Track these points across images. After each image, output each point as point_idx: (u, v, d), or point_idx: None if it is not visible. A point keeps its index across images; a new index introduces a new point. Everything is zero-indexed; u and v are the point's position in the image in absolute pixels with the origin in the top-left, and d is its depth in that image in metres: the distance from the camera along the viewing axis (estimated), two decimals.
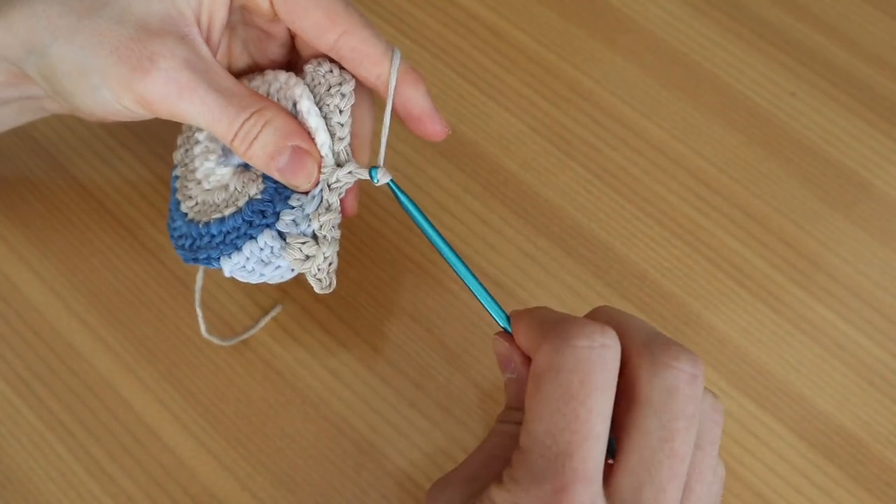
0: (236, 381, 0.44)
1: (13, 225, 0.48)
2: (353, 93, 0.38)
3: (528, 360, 0.33)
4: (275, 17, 0.39)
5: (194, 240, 0.40)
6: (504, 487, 0.29)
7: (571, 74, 0.54)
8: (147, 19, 0.36)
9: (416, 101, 0.37)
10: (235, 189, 0.39)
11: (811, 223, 0.49)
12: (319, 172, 0.37)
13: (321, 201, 0.38)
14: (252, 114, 0.36)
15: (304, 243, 0.37)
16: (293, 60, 0.42)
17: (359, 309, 0.46)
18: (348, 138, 0.38)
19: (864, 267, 0.48)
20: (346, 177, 0.37)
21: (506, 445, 0.32)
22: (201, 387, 0.44)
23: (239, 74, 0.41)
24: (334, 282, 0.38)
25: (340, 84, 0.38)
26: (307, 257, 0.37)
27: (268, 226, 0.38)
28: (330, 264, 0.38)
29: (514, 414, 0.33)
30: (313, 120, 0.37)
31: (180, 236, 0.40)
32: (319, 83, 0.38)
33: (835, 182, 0.51)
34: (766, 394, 0.45)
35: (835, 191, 0.50)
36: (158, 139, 0.50)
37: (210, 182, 0.40)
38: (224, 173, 0.40)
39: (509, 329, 0.33)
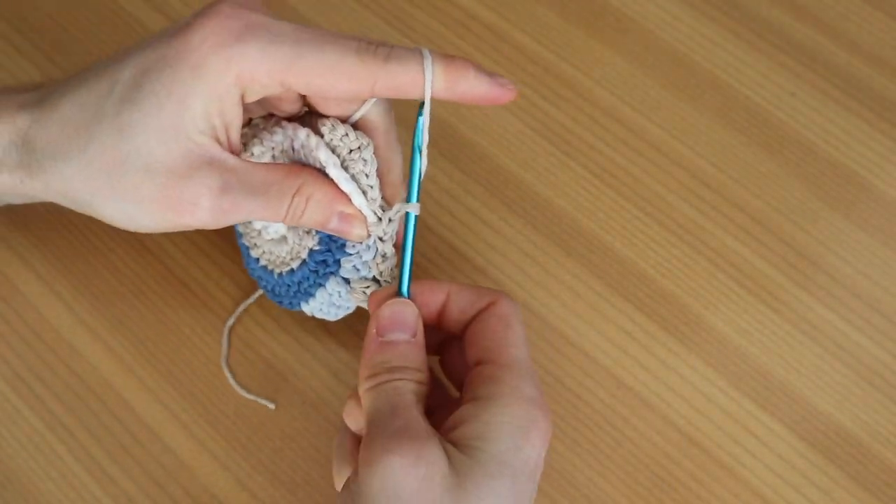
0: (236, 381, 0.44)
1: (13, 226, 0.48)
2: (373, 156, 0.39)
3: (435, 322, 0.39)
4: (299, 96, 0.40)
5: (273, 286, 0.43)
6: (497, 398, 0.34)
7: (571, 74, 0.54)
8: (172, 163, 0.37)
9: (474, 88, 0.37)
10: (294, 242, 0.42)
11: (811, 223, 0.49)
12: (368, 226, 0.39)
13: (376, 251, 0.40)
14: (293, 197, 0.38)
15: (367, 287, 0.41)
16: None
17: (359, 308, 0.46)
18: (379, 196, 0.39)
19: (864, 267, 0.48)
20: (389, 227, 0.40)
21: (421, 403, 0.35)
22: (201, 387, 0.44)
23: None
24: None
25: (360, 149, 0.39)
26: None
27: (332, 273, 0.41)
28: None
29: (412, 373, 0.36)
30: (345, 186, 0.38)
31: (259, 277, 0.44)
32: (338, 146, 0.39)
33: (835, 182, 0.51)
34: (766, 394, 0.45)
35: (835, 191, 0.50)
36: None
37: (269, 233, 0.42)
38: (279, 227, 0.42)
39: (406, 295, 0.38)
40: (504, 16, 0.56)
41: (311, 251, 0.41)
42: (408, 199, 0.38)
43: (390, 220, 0.40)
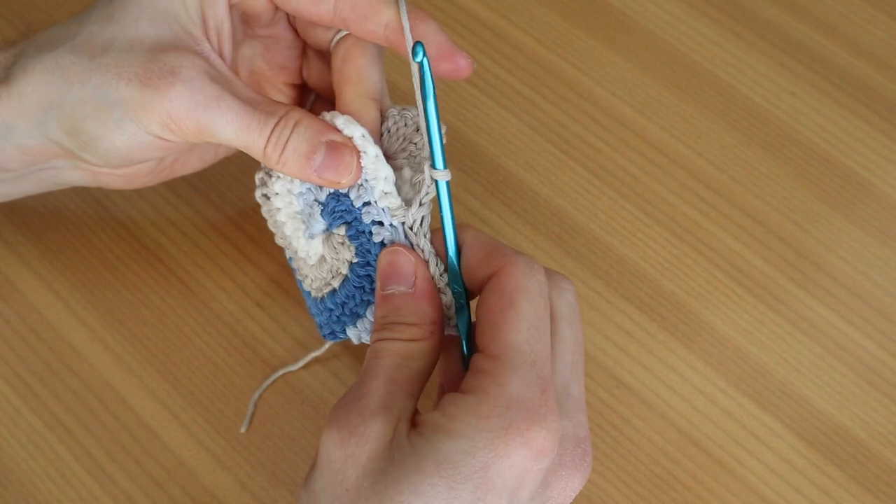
0: (236, 381, 0.44)
1: (13, 225, 0.48)
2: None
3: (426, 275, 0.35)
4: (274, 12, 0.38)
5: (320, 314, 0.40)
6: (474, 393, 0.30)
7: (571, 74, 0.54)
8: (159, 42, 0.35)
9: (431, 36, 0.35)
10: (332, 258, 0.39)
11: (811, 223, 0.49)
12: (360, 165, 0.36)
13: (419, 252, 0.36)
14: (281, 117, 0.35)
15: None
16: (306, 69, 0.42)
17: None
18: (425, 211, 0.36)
19: (864, 267, 0.48)
20: (419, 212, 0.36)
21: (402, 366, 0.32)
22: (201, 387, 0.44)
23: None
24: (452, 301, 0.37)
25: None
26: None
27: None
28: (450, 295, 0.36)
29: (402, 330, 0.33)
30: (371, 149, 0.36)
31: (314, 315, 0.41)
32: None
33: (835, 182, 0.51)
34: (766, 394, 0.45)
35: (835, 191, 0.50)
36: None
37: (311, 258, 0.40)
38: (315, 245, 0.39)
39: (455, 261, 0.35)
40: (504, 16, 0.56)
41: (351, 264, 0.38)
42: (432, 165, 0.35)
43: (421, 202, 0.35)
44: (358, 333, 0.39)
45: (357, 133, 0.36)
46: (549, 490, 0.31)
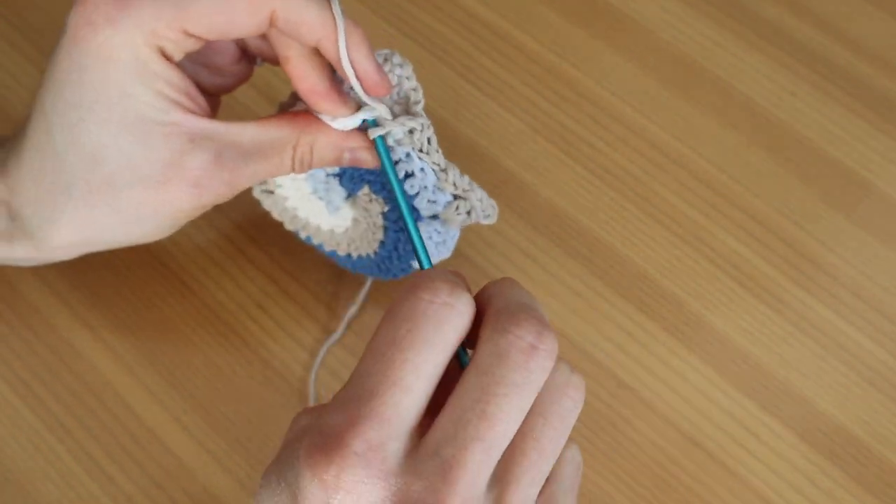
0: (236, 382, 0.44)
1: None
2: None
3: None
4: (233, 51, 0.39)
5: (378, 266, 0.42)
6: (314, 409, 0.31)
7: (571, 74, 0.54)
8: (157, 158, 0.35)
9: (361, 64, 0.35)
10: (365, 218, 0.41)
11: (812, 223, 0.49)
12: (374, 144, 0.37)
13: (436, 171, 0.38)
14: (294, 147, 0.37)
15: (456, 210, 0.39)
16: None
17: (359, 308, 0.46)
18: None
19: (864, 267, 0.48)
20: (423, 136, 0.37)
21: None
22: (201, 387, 0.44)
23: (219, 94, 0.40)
24: (495, 207, 0.40)
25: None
26: (467, 214, 0.39)
27: (418, 220, 0.39)
28: (481, 200, 0.39)
29: None
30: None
31: (362, 269, 0.43)
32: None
33: (835, 182, 0.51)
34: (766, 394, 0.45)
35: (835, 191, 0.50)
36: None
37: (341, 226, 0.42)
38: (344, 213, 0.41)
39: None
40: (504, 16, 0.56)
41: (385, 213, 0.40)
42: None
43: (421, 128, 0.37)
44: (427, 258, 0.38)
45: (375, 115, 0.37)
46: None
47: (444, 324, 0.29)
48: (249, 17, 0.34)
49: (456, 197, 0.39)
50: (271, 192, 0.43)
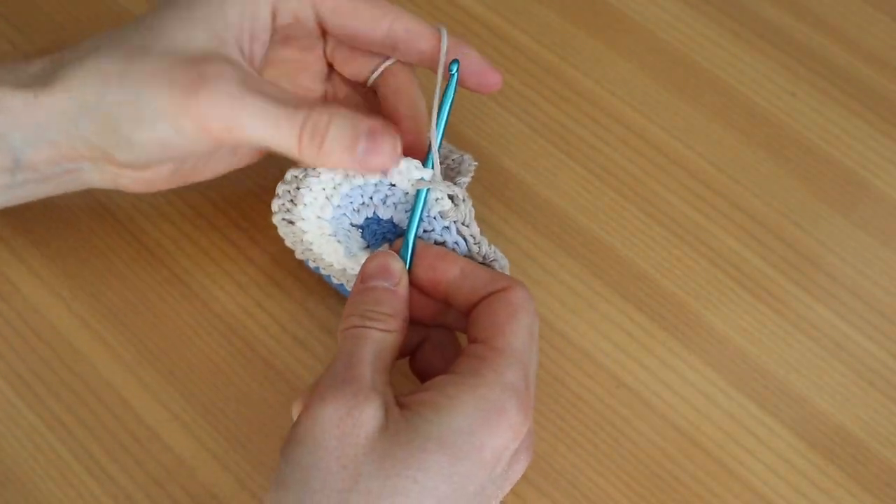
0: (236, 381, 0.44)
1: (13, 226, 0.48)
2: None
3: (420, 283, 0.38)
4: (319, 34, 0.41)
5: None
6: (472, 375, 0.33)
7: (571, 74, 0.54)
8: (193, 48, 0.37)
9: (472, 57, 0.40)
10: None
11: (811, 223, 0.49)
12: (401, 146, 0.37)
13: (469, 244, 0.40)
14: (313, 109, 0.36)
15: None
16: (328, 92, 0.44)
17: None
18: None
19: (864, 267, 0.48)
20: (466, 207, 0.39)
21: (379, 355, 0.35)
22: (201, 387, 0.44)
23: None
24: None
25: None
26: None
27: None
28: (503, 268, 0.40)
29: (382, 319, 0.35)
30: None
31: None
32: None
33: (835, 182, 0.51)
34: (766, 394, 0.45)
35: (835, 191, 0.50)
36: None
37: (353, 269, 0.42)
38: (360, 259, 0.41)
39: (407, 258, 0.38)
40: (504, 16, 0.56)
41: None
42: (424, 164, 0.39)
43: (464, 199, 0.39)
44: None
45: (426, 175, 0.39)
46: (510, 469, 0.35)
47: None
48: (372, 15, 0.40)
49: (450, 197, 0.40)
50: (291, 224, 0.42)
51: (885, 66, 0.54)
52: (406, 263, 0.38)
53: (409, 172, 0.38)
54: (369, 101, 0.43)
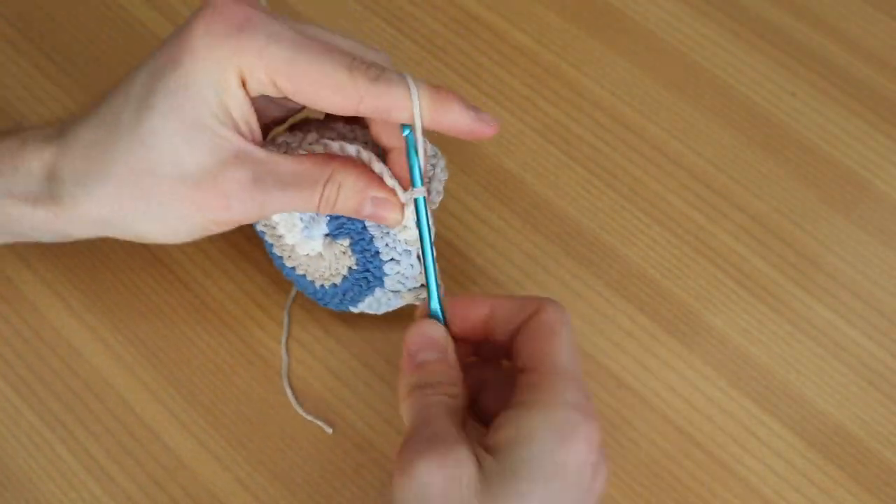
0: (236, 381, 0.44)
1: None
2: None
3: (459, 342, 0.39)
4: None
5: (315, 292, 0.44)
6: (536, 406, 0.35)
7: (571, 74, 0.54)
8: (201, 161, 0.37)
9: (457, 122, 0.38)
10: (331, 260, 0.42)
11: (811, 223, 0.49)
12: (404, 208, 0.39)
13: (415, 260, 0.41)
14: (324, 185, 0.38)
15: (418, 294, 0.42)
16: None
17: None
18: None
19: (864, 267, 0.48)
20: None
21: (453, 413, 0.36)
22: (201, 387, 0.44)
23: (276, 124, 0.42)
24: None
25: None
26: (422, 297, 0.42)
27: (378, 286, 0.42)
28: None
29: (445, 388, 0.37)
30: (376, 166, 0.39)
31: (296, 281, 0.45)
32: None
33: (835, 182, 0.51)
34: (766, 394, 0.45)
35: (835, 191, 0.50)
36: None
37: (304, 249, 0.42)
38: (315, 245, 0.42)
39: (440, 318, 0.39)
40: (504, 16, 0.56)
41: (351, 269, 0.42)
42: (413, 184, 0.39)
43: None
44: (359, 309, 0.44)
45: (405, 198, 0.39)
46: (595, 479, 0.35)
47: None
48: (337, 97, 0.37)
49: (422, 285, 0.42)
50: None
51: (885, 66, 0.54)
52: (441, 321, 0.39)
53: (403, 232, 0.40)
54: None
